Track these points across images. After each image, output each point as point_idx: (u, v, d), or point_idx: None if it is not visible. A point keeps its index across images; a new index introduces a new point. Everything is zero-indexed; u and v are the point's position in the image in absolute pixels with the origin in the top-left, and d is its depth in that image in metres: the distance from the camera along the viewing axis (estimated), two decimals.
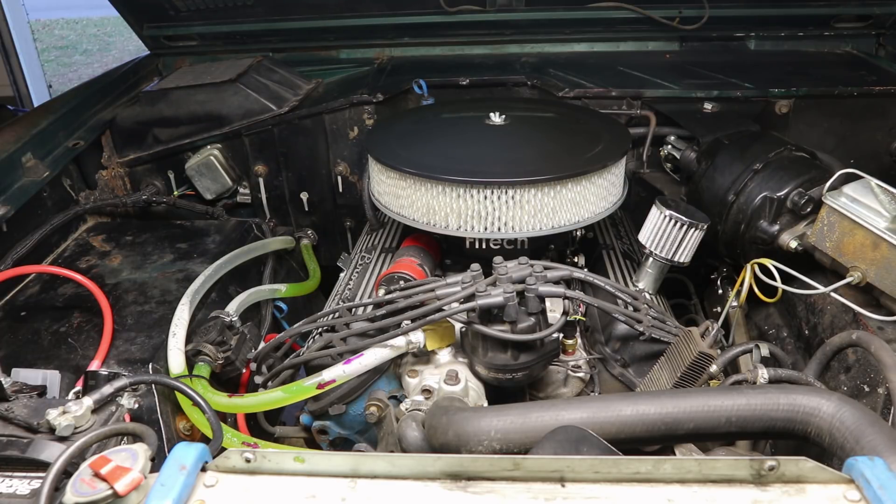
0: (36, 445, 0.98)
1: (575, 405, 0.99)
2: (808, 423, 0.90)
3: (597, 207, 1.52)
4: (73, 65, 8.06)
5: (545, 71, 2.18)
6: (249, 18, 2.38)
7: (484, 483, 0.75)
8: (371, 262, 1.73)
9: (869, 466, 0.71)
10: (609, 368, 1.40)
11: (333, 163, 2.15)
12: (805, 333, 1.48)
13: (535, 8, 2.31)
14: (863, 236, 1.31)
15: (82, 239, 1.96)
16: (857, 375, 1.25)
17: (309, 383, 1.26)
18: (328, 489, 0.75)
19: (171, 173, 2.22)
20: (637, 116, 2.01)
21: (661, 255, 1.48)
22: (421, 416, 1.20)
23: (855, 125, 1.98)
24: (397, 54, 2.48)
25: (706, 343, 1.22)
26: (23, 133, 1.89)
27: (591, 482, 0.75)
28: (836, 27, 2.32)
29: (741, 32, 2.35)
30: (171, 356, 1.38)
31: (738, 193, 1.55)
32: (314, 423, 1.40)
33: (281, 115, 2.10)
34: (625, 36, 2.40)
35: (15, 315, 1.57)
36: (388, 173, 1.53)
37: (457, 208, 1.44)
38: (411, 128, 1.74)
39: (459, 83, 2.14)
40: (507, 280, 1.21)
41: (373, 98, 2.04)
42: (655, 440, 1.00)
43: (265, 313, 1.84)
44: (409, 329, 1.27)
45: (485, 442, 0.99)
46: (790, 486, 0.73)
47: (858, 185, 1.35)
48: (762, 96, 1.97)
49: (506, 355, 1.22)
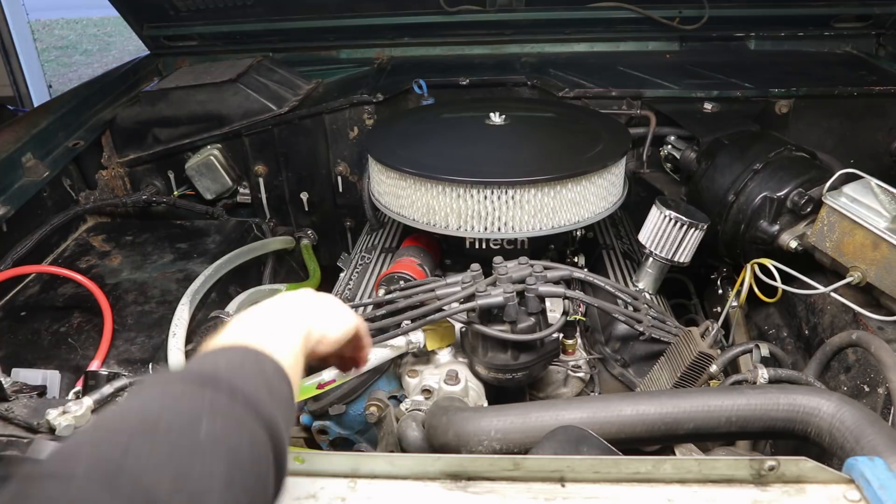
0: (36, 445, 0.98)
1: (575, 405, 0.99)
2: (808, 423, 0.90)
3: (597, 207, 1.52)
4: (73, 65, 8.06)
5: (545, 71, 2.18)
6: (249, 18, 2.38)
7: (484, 483, 0.75)
8: (371, 262, 1.73)
9: (869, 466, 0.71)
10: (609, 368, 1.40)
11: (333, 163, 2.15)
12: (805, 333, 1.48)
13: (535, 8, 2.31)
14: (863, 236, 1.31)
15: (82, 239, 1.96)
16: (857, 375, 1.25)
17: (309, 383, 1.26)
18: (328, 489, 0.75)
19: (171, 173, 2.22)
20: (637, 116, 2.01)
21: (661, 255, 1.48)
22: (421, 416, 1.20)
23: (855, 125, 1.98)
24: (397, 54, 2.48)
25: (706, 343, 1.22)
26: (23, 133, 1.89)
27: (591, 482, 0.75)
28: (836, 27, 2.32)
29: (741, 32, 2.35)
30: (171, 356, 1.38)
31: (738, 193, 1.55)
32: (314, 423, 1.40)
33: (281, 115, 2.10)
34: (625, 36, 2.40)
35: (15, 315, 1.57)
36: (388, 173, 1.53)
37: (457, 208, 1.44)
38: (411, 128, 1.74)
39: (459, 83, 2.14)
40: (507, 280, 1.21)
41: (373, 98, 2.04)
42: (655, 440, 1.00)
43: None
44: (409, 329, 1.27)
45: (485, 442, 0.99)
46: (790, 486, 0.73)
47: (858, 185, 1.35)
48: (762, 96, 1.97)
49: (506, 355, 1.22)
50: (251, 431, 0.54)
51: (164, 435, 0.49)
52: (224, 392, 0.55)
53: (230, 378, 0.57)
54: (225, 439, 0.51)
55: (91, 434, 0.51)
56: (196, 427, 0.50)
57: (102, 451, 0.47)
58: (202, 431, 0.50)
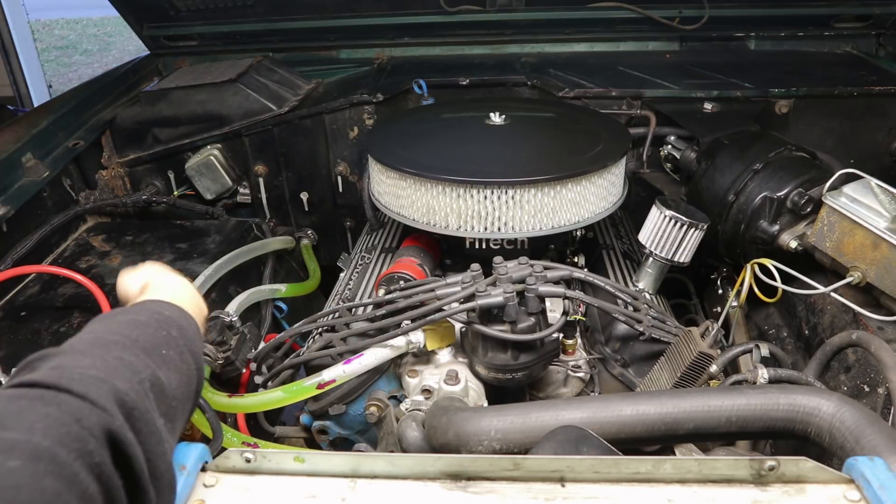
0: None
1: (575, 405, 0.99)
2: (808, 423, 0.90)
3: (597, 207, 1.52)
4: (73, 65, 8.06)
5: (545, 71, 2.18)
6: (249, 18, 2.38)
7: (484, 483, 0.75)
8: (371, 262, 1.73)
9: (869, 466, 0.71)
10: (609, 368, 1.40)
11: (333, 163, 2.15)
12: (805, 333, 1.48)
13: (535, 8, 2.31)
14: (863, 236, 1.31)
15: (82, 239, 1.96)
16: (857, 375, 1.25)
17: (309, 383, 1.26)
18: (328, 489, 0.75)
19: (171, 173, 2.22)
20: (637, 116, 2.01)
21: (661, 255, 1.48)
22: (421, 416, 1.20)
23: (855, 125, 1.98)
24: (397, 54, 2.48)
25: (706, 343, 1.22)
26: (23, 133, 1.89)
27: (591, 482, 0.75)
28: (836, 27, 2.32)
29: (741, 32, 2.35)
30: None
31: (738, 193, 1.55)
32: (314, 423, 1.40)
33: (281, 115, 2.10)
34: (625, 36, 2.40)
35: (15, 315, 1.57)
36: (388, 173, 1.53)
37: (457, 208, 1.44)
38: (411, 128, 1.74)
39: (459, 83, 2.14)
40: (507, 280, 1.21)
41: (373, 98, 2.04)
42: (655, 440, 1.00)
43: (265, 313, 1.84)
44: (409, 329, 1.27)
45: (485, 442, 0.99)
46: (790, 486, 0.73)
47: (858, 185, 1.35)
48: (762, 96, 1.97)
49: (506, 355, 1.22)
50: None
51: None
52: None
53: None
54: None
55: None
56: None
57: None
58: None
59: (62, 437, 0.52)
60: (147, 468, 0.58)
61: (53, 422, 0.53)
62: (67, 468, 0.50)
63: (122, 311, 0.79)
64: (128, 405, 0.60)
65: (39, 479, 0.48)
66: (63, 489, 0.49)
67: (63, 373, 0.59)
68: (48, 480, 0.48)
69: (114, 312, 0.78)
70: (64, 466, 0.50)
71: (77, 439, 0.53)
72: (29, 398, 0.55)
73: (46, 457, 0.50)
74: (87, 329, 0.72)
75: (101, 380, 0.60)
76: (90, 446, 0.53)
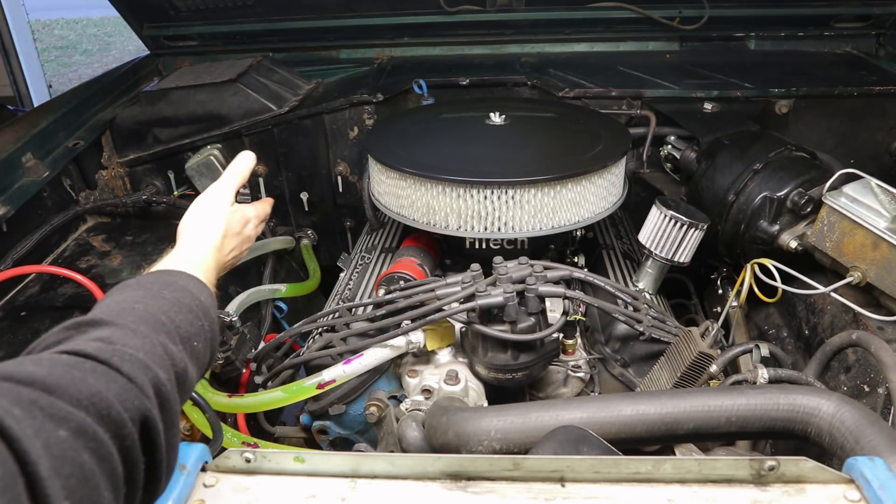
0: None
1: (575, 405, 0.99)
2: (808, 423, 0.90)
3: (597, 207, 1.52)
4: (73, 65, 8.06)
5: (545, 71, 2.18)
6: (249, 18, 2.38)
7: (484, 483, 0.75)
8: (371, 262, 1.73)
9: (869, 466, 0.71)
10: (609, 368, 1.40)
11: (333, 163, 2.15)
12: (805, 333, 1.48)
13: (535, 8, 2.31)
14: (863, 236, 1.31)
15: (82, 239, 1.96)
16: (857, 375, 1.25)
17: (309, 383, 1.26)
18: (328, 489, 0.75)
19: (171, 173, 2.22)
20: (637, 116, 2.01)
21: (661, 255, 1.48)
22: (421, 416, 1.20)
23: (855, 125, 1.98)
24: (397, 54, 2.48)
25: (706, 343, 1.22)
26: (23, 133, 1.89)
27: (591, 482, 0.75)
28: (836, 27, 2.32)
29: (741, 32, 2.35)
30: None
31: (738, 193, 1.55)
32: (314, 423, 1.40)
33: (281, 115, 2.10)
34: (625, 36, 2.40)
35: (15, 315, 1.57)
36: (388, 173, 1.53)
37: (457, 208, 1.44)
38: (411, 128, 1.74)
39: (459, 83, 2.14)
40: (507, 280, 1.21)
41: (373, 98, 2.04)
42: (655, 440, 1.00)
43: (265, 313, 1.84)
44: (409, 329, 1.27)
45: (485, 442, 0.99)
46: (790, 486, 0.73)
47: (858, 185, 1.35)
48: (762, 96, 1.97)
49: (506, 355, 1.22)
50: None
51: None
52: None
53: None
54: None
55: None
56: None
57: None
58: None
59: (104, 417, 0.54)
60: (166, 458, 0.61)
61: (101, 400, 0.55)
62: (104, 447, 0.53)
63: (167, 283, 0.81)
64: (163, 395, 0.62)
65: (80, 452, 0.50)
66: (97, 467, 0.51)
67: (115, 350, 0.61)
68: (86, 456, 0.51)
69: (161, 281, 0.81)
70: (102, 445, 0.53)
71: (117, 421, 0.55)
72: (82, 370, 0.57)
73: (90, 433, 0.52)
74: (135, 295, 0.74)
75: (147, 366, 0.62)
76: (126, 430, 0.56)
